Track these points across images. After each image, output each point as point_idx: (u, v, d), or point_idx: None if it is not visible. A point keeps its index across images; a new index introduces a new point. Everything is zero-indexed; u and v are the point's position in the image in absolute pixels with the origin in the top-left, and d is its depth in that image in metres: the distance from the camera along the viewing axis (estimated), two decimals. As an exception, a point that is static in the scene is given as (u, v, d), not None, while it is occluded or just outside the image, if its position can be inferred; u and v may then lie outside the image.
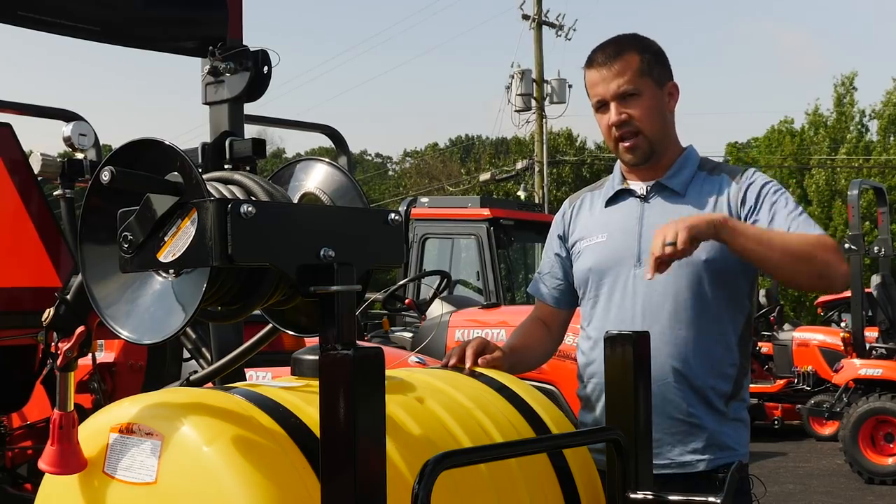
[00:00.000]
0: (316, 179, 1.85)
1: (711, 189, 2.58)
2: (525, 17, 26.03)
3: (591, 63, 2.61)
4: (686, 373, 2.50)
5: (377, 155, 71.72)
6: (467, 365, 2.24)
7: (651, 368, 2.42)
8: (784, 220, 2.46)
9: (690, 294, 2.51)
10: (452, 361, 2.26)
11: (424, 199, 11.90)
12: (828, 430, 11.98)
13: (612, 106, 2.55)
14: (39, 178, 3.24)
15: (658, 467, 2.37)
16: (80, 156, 3.11)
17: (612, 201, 2.69)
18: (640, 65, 2.56)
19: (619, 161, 2.72)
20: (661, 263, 2.25)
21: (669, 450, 2.50)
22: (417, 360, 5.33)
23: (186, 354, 3.33)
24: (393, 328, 9.60)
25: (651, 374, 2.43)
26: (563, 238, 2.78)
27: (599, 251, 2.64)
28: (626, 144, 2.58)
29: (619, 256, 2.60)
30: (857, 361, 10.12)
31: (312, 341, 1.96)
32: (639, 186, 2.66)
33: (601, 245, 2.64)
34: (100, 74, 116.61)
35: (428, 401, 1.88)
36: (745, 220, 2.49)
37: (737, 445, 2.53)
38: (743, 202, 2.53)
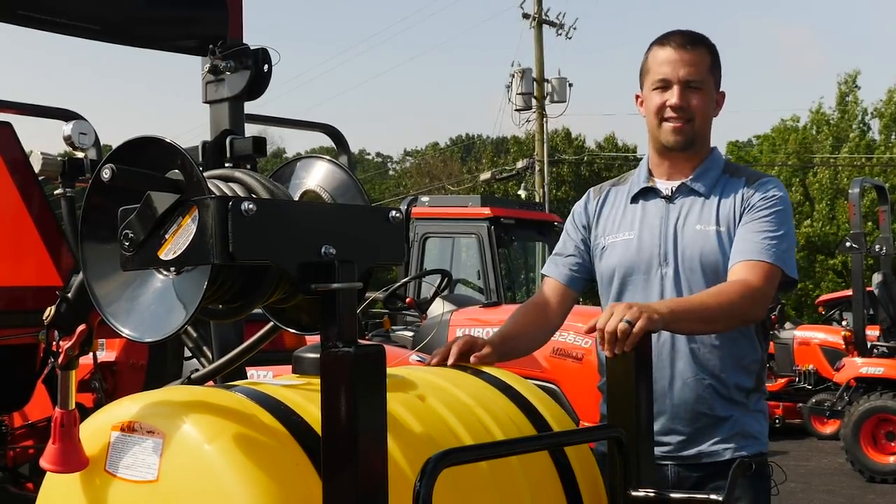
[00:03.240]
0: (317, 177, 1.85)
1: (733, 192, 2.66)
2: (525, 15, 26.00)
3: (665, 42, 2.68)
4: (714, 370, 2.58)
5: (377, 154, 71.64)
6: (449, 362, 2.22)
7: (680, 367, 2.59)
8: (742, 239, 2.56)
9: None
10: (435, 361, 2.25)
11: (425, 199, 11.91)
12: (829, 428, 11.96)
13: (676, 89, 2.63)
14: (40, 178, 3.23)
15: (688, 458, 2.57)
16: (80, 155, 3.11)
17: (636, 198, 2.75)
18: (710, 62, 2.68)
19: (646, 158, 2.80)
20: (617, 342, 2.07)
21: (700, 443, 2.58)
22: (418, 359, 5.30)
23: (187, 353, 3.33)
24: (394, 327, 9.59)
25: (680, 373, 2.59)
26: (587, 228, 2.81)
27: (627, 249, 2.69)
28: (676, 125, 2.65)
29: (647, 255, 2.65)
30: (859, 360, 10.11)
31: (313, 339, 1.96)
32: (664, 186, 2.72)
33: (629, 243, 2.69)
34: (100, 74, 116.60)
35: (429, 398, 1.88)
36: (739, 218, 2.60)
37: (759, 434, 2.63)
38: (743, 202, 2.63)
